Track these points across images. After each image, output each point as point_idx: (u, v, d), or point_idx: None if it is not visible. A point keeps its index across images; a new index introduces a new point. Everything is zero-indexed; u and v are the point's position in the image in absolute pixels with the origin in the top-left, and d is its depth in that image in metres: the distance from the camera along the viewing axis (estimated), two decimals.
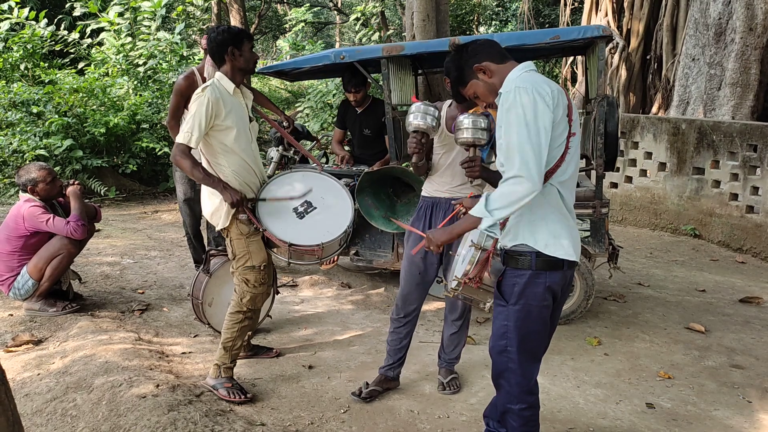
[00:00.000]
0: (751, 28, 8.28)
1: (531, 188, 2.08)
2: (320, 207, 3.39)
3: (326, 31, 27.19)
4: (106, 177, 8.62)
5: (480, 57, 2.34)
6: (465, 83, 2.40)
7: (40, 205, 4.15)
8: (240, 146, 3.18)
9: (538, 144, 2.09)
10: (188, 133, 3.03)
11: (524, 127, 2.10)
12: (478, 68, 2.33)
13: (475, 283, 2.33)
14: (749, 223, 6.57)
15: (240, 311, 3.25)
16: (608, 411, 3.23)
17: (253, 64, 3.24)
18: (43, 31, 9.55)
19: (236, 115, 3.16)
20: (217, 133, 3.11)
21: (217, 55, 3.16)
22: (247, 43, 3.17)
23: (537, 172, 2.08)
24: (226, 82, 3.16)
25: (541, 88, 2.13)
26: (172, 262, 5.75)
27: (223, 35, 3.13)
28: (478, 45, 2.38)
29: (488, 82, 2.34)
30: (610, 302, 4.89)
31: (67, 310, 4.22)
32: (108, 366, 3.31)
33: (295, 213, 3.33)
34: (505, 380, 2.39)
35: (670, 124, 7.40)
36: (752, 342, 4.18)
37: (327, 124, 10.55)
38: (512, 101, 2.14)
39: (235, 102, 3.19)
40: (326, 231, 3.33)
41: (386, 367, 3.36)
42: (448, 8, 7.53)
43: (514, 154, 2.10)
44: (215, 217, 3.22)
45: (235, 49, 3.13)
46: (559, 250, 2.24)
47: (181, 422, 2.81)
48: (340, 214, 3.42)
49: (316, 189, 3.43)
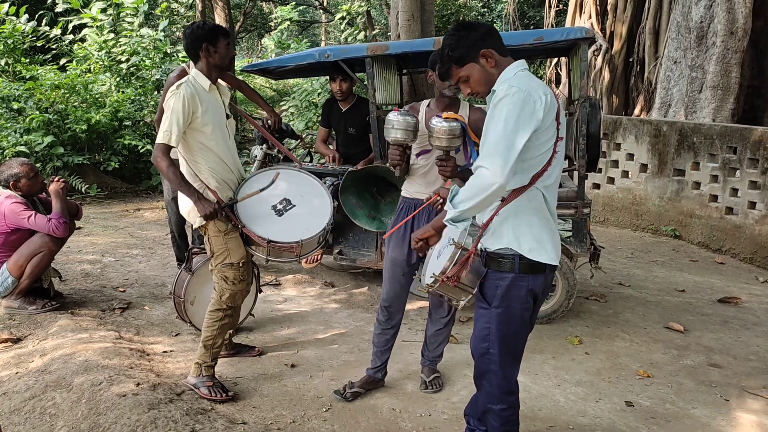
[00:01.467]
0: (732, 31, 8.39)
1: (494, 180, 2.04)
2: (299, 205, 3.38)
3: (312, 30, 27.11)
4: (87, 174, 8.53)
5: (488, 42, 2.27)
6: (463, 63, 2.29)
7: (22, 201, 4.10)
8: (217, 144, 3.17)
9: (513, 141, 2.06)
10: (167, 132, 3.01)
11: (503, 123, 2.08)
12: (484, 53, 2.25)
13: (453, 282, 2.32)
14: (728, 224, 6.66)
15: (220, 309, 3.24)
16: (588, 409, 3.26)
17: (229, 61, 3.22)
18: (25, 27, 9.43)
19: (212, 112, 3.14)
20: (193, 131, 3.10)
21: (192, 51, 3.15)
22: (222, 39, 3.15)
23: (503, 166, 2.04)
24: (201, 79, 3.15)
25: (535, 92, 2.11)
26: (154, 260, 5.71)
27: (197, 32, 3.12)
28: (489, 30, 2.30)
29: (488, 71, 2.27)
30: (591, 302, 4.94)
31: (47, 308, 4.17)
32: (88, 364, 3.28)
33: (274, 210, 3.32)
34: (486, 381, 2.41)
35: (652, 126, 7.48)
36: (730, 341, 4.24)
37: (312, 123, 10.52)
38: (502, 98, 2.12)
39: (211, 99, 3.17)
40: (305, 228, 3.32)
41: (374, 369, 3.37)
42: (433, 8, 7.55)
43: (489, 147, 2.09)
44: (192, 214, 3.19)
45: (210, 46, 3.11)
46: (543, 254, 2.25)
47: (162, 421, 2.79)
48: (319, 211, 3.41)
49: (296, 186, 3.42)
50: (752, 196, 6.36)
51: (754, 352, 4.07)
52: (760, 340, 4.27)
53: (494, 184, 2.04)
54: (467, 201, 2.11)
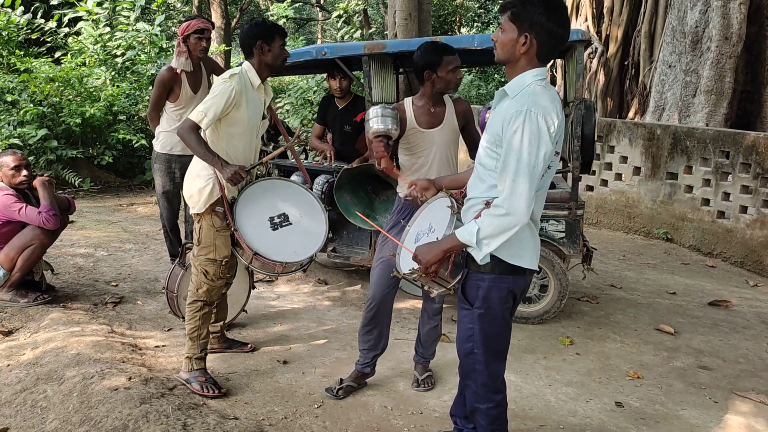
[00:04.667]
0: (726, 36, 8.44)
1: (518, 221, 2.10)
2: (295, 225, 3.35)
3: (308, 28, 27.06)
4: (80, 168, 8.50)
5: (541, 36, 2.15)
6: (515, 21, 2.16)
7: (13, 193, 4.08)
8: (245, 140, 3.19)
9: (533, 177, 2.07)
10: (202, 114, 3.00)
11: (525, 155, 2.07)
12: (528, 37, 2.15)
13: (431, 276, 2.33)
14: (720, 228, 6.70)
15: (198, 299, 3.24)
16: (578, 409, 3.28)
17: (282, 62, 3.21)
18: (20, 19, 9.37)
19: (253, 110, 3.16)
20: (229, 120, 3.11)
21: (246, 47, 3.15)
22: (278, 39, 3.15)
23: (527, 206, 2.08)
24: (252, 75, 3.16)
25: (549, 117, 2.09)
26: (147, 255, 5.70)
27: (254, 28, 3.13)
28: (553, 32, 2.17)
29: (518, 50, 2.17)
30: (583, 303, 4.96)
31: (38, 301, 4.16)
32: (80, 358, 3.28)
33: (269, 222, 3.29)
34: (472, 381, 2.42)
35: (646, 130, 7.52)
36: (720, 344, 4.27)
37: (307, 121, 10.52)
38: (521, 124, 2.07)
39: (256, 97, 3.19)
40: (293, 251, 3.29)
41: (364, 364, 3.37)
42: (430, 8, 7.56)
43: (508, 180, 2.09)
44: (194, 199, 3.19)
45: (264, 44, 3.12)
46: (524, 260, 2.27)
47: (154, 415, 2.79)
48: (312, 237, 3.37)
49: (299, 205, 3.39)
50: (744, 200, 6.41)
51: (744, 355, 4.10)
52: (749, 343, 4.31)
53: (519, 224, 2.11)
54: (492, 240, 2.15)
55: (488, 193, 2.26)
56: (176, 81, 4.56)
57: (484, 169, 2.28)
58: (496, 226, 2.12)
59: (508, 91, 2.22)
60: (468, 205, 2.36)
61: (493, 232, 2.13)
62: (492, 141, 2.22)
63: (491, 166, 2.24)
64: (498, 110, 2.24)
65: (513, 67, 2.22)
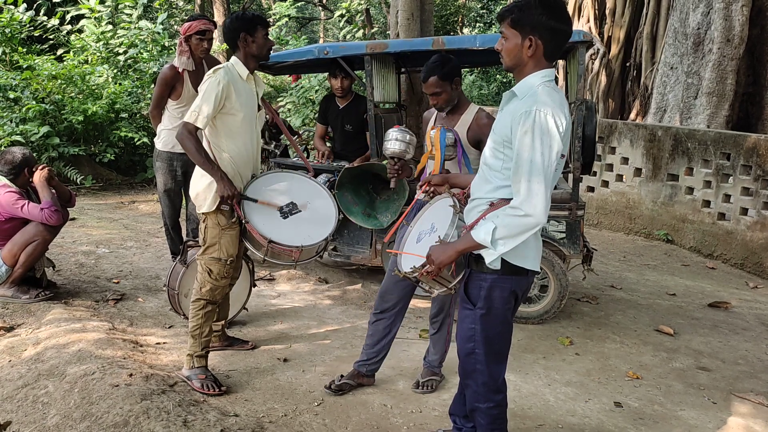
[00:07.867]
0: (728, 39, 8.45)
1: (537, 222, 2.09)
2: (305, 211, 3.38)
3: (310, 27, 27.08)
4: (82, 165, 8.51)
5: (545, 35, 2.15)
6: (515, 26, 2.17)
7: (16, 190, 4.10)
8: (244, 133, 3.20)
9: (548, 177, 2.08)
10: (195, 113, 3.03)
11: (539, 155, 2.07)
12: (532, 39, 2.15)
13: (432, 276, 2.34)
14: (720, 229, 6.71)
15: (201, 298, 3.25)
16: (577, 409, 3.29)
17: (267, 51, 3.23)
18: (23, 16, 9.39)
19: (246, 101, 3.17)
20: (225, 116, 3.12)
21: (230, 41, 3.18)
22: (261, 29, 3.17)
23: (544, 207, 2.08)
24: (240, 68, 3.18)
25: (558, 117, 2.09)
26: (149, 252, 5.71)
27: (235, 22, 3.15)
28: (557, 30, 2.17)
29: (524, 54, 2.18)
30: (583, 303, 4.97)
31: (40, 297, 4.17)
32: (81, 354, 3.29)
33: (279, 212, 3.31)
34: (472, 380, 2.43)
35: (647, 131, 7.53)
36: (719, 345, 4.28)
37: (309, 120, 10.51)
38: (531, 124, 2.08)
39: (247, 88, 3.20)
40: (307, 235, 3.31)
41: (360, 363, 3.37)
42: (432, 8, 7.57)
43: (524, 181, 2.08)
44: (200, 198, 3.20)
45: (248, 35, 3.14)
46: (528, 261, 2.27)
47: (154, 411, 2.80)
48: (323, 221, 3.41)
49: (305, 193, 3.42)
50: (744, 202, 6.41)
51: (743, 357, 4.11)
52: (748, 345, 4.31)
53: (539, 224, 2.11)
54: (508, 241, 2.14)
55: (493, 194, 2.26)
56: (178, 79, 4.58)
57: (489, 170, 2.29)
58: (515, 226, 2.12)
59: (516, 92, 2.22)
60: (472, 206, 2.36)
61: (511, 232, 2.12)
62: (499, 142, 2.22)
63: (497, 167, 2.24)
64: (506, 111, 2.23)
65: (521, 71, 2.23)
